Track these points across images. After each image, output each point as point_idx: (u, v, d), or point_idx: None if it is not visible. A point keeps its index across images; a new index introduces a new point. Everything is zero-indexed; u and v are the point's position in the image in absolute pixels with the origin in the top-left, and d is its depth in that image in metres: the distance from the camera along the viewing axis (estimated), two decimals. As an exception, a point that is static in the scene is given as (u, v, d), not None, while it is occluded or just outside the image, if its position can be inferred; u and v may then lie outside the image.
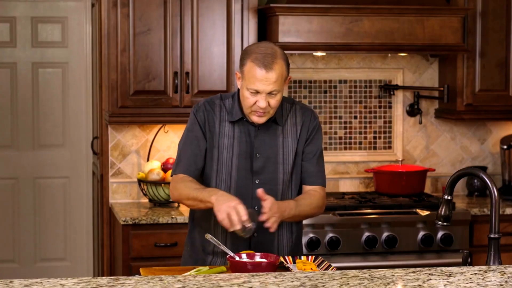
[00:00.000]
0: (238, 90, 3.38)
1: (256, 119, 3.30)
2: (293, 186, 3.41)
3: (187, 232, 3.55)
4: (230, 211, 3.09)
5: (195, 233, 3.48)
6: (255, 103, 3.25)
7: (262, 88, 3.22)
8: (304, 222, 4.57)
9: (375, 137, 5.32)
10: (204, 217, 3.43)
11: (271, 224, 3.17)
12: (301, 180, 3.45)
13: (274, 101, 3.26)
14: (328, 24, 4.73)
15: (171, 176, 3.42)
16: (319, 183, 3.45)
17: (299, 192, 3.45)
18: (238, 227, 3.10)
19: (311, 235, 4.60)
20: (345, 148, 5.29)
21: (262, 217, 3.16)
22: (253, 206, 3.33)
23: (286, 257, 3.24)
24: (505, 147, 5.26)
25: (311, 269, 3.12)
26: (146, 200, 4.99)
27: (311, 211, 3.41)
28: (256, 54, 3.23)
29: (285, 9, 4.68)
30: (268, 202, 3.17)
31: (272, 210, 3.17)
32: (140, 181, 4.90)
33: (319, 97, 5.24)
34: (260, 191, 3.19)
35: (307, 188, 3.45)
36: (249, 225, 3.13)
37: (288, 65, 3.29)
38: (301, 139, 3.41)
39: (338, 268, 2.91)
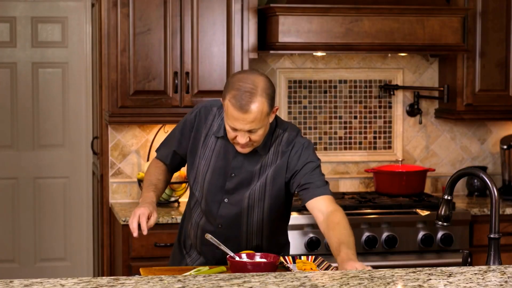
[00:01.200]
0: None
1: (239, 149, 3.22)
2: (260, 213, 3.31)
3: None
4: (133, 217, 3.19)
5: (180, 235, 3.58)
6: (235, 137, 3.17)
7: (240, 127, 3.11)
8: (304, 222, 4.57)
9: (375, 137, 5.32)
10: (186, 220, 3.52)
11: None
12: (306, 197, 3.25)
13: (256, 136, 3.15)
14: (328, 24, 4.73)
15: (155, 151, 3.57)
16: (325, 193, 3.25)
17: (281, 215, 3.37)
18: (134, 234, 3.17)
19: (311, 235, 4.59)
20: (345, 148, 5.30)
21: None
22: (217, 224, 3.33)
23: (286, 257, 3.24)
24: (505, 147, 5.26)
25: (311, 269, 3.12)
26: (146, 200, 4.98)
27: (351, 233, 3.23)
28: (235, 91, 3.08)
29: (285, 9, 4.68)
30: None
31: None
32: (140, 181, 4.90)
33: (319, 97, 5.25)
34: None
35: (314, 201, 3.24)
36: None
37: (272, 100, 3.11)
38: (278, 169, 3.26)
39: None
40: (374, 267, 4.57)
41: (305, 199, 3.23)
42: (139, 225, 3.17)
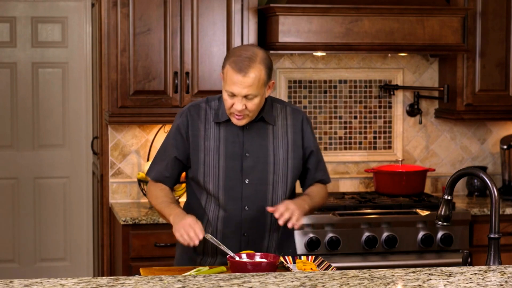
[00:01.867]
0: None
1: (235, 121, 3.30)
2: (284, 188, 3.39)
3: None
4: (186, 229, 3.16)
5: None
6: (232, 105, 3.25)
7: (237, 91, 3.21)
8: (304, 222, 4.57)
9: (375, 137, 5.32)
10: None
11: (294, 222, 3.19)
12: (305, 180, 3.49)
13: (252, 105, 3.24)
14: (328, 24, 4.74)
15: (146, 175, 3.50)
16: (323, 179, 3.50)
17: (292, 194, 3.45)
18: (196, 242, 3.14)
19: (311, 235, 4.60)
20: (345, 148, 5.30)
21: (277, 216, 3.19)
22: (243, 207, 3.34)
23: (286, 257, 3.24)
24: (505, 147, 5.26)
25: (311, 269, 3.12)
26: (146, 200, 4.98)
27: (321, 201, 3.47)
28: (235, 57, 3.23)
29: (285, 9, 4.68)
30: (281, 206, 3.20)
31: (288, 209, 3.19)
32: (140, 181, 4.90)
33: (319, 97, 5.25)
34: (268, 209, 3.23)
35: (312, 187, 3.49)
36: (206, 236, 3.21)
37: (269, 70, 3.25)
38: (294, 142, 3.41)
39: (338, 268, 2.92)
40: (374, 267, 4.59)
41: (306, 183, 3.50)
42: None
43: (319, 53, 4.99)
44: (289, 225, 3.19)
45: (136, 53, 4.73)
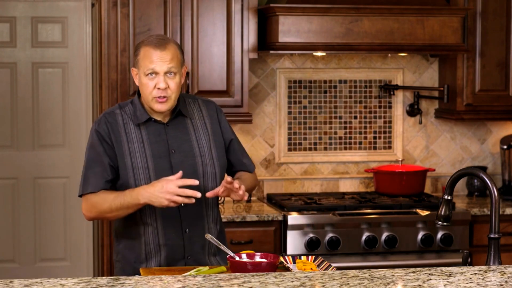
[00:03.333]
0: (137, 93, 3.39)
1: (159, 106, 3.30)
2: (214, 178, 3.40)
3: (114, 249, 3.49)
4: (169, 190, 3.14)
5: (122, 248, 3.44)
6: (155, 86, 3.27)
7: (159, 66, 3.26)
8: (304, 222, 4.58)
9: (375, 137, 5.32)
10: (128, 231, 3.40)
11: (244, 193, 3.25)
12: (233, 168, 3.53)
13: (173, 84, 3.28)
14: (328, 24, 4.74)
15: (79, 196, 3.37)
16: (252, 169, 3.56)
17: (221, 182, 3.44)
18: (198, 195, 3.16)
19: (311, 235, 4.60)
20: (345, 148, 5.30)
21: (236, 186, 3.23)
22: (179, 204, 3.29)
23: (286, 257, 3.24)
24: (505, 147, 5.26)
25: (311, 269, 3.12)
26: (146, 200, 4.98)
27: (252, 186, 3.53)
28: (148, 40, 3.32)
29: (285, 9, 4.68)
30: (235, 182, 3.24)
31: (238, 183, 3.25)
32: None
33: (319, 97, 5.25)
34: (208, 194, 3.25)
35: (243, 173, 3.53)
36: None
37: (182, 52, 3.34)
38: (213, 132, 3.44)
39: (338, 268, 2.91)
40: (374, 267, 4.59)
41: (235, 170, 3.54)
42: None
43: (319, 53, 4.99)
44: (245, 197, 3.25)
45: (136, 53, 4.73)
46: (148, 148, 3.34)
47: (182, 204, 3.30)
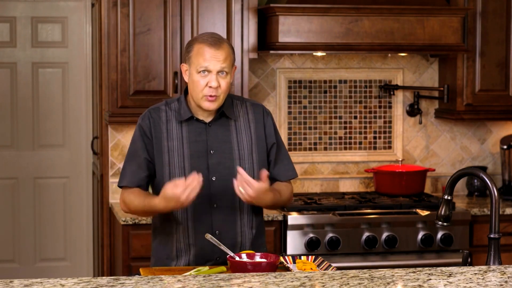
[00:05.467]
0: (185, 91, 3.38)
1: (208, 104, 3.28)
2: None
3: (151, 244, 3.49)
4: (175, 191, 3.10)
5: (156, 243, 3.46)
6: (206, 84, 3.25)
7: (213, 65, 3.24)
8: (304, 222, 4.58)
9: (375, 137, 5.32)
10: (163, 227, 3.40)
11: (246, 197, 3.18)
12: (272, 176, 3.43)
13: (224, 83, 3.26)
14: (328, 24, 4.74)
15: (119, 186, 3.41)
16: (288, 176, 3.46)
17: None
18: (197, 186, 3.09)
19: (311, 235, 4.60)
20: (345, 148, 5.30)
21: (249, 182, 3.16)
22: (212, 204, 3.32)
23: (286, 257, 3.24)
24: (505, 147, 5.26)
25: (311, 269, 3.12)
26: (146, 200, 4.98)
27: (285, 200, 3.43)
28: (202, 38, 3.29)
29: (285, 9, 4.68)
30: (260, 185, 3.16)
31: (256, 192, 3.16)
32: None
33: (319, 97, 5.25)
34: (262, 174, 3.19)
35: (278, 183, 3.45)
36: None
37: (234, 53, 3.32)
38: (257, 135, 3.40)
39: (338, 268, 2.92)
40: (374, 267, 4.59)
41: (274, 178, 3.43)
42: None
43: (319, 53, 4.99)
44: (241, 195, 3.18)
45: (136, 53, 4.73)
46: (187, 147, 3.33)
47: (215, 205, 3.31)
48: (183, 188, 3.12)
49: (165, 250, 3.40)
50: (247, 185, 3.17)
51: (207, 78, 3.25)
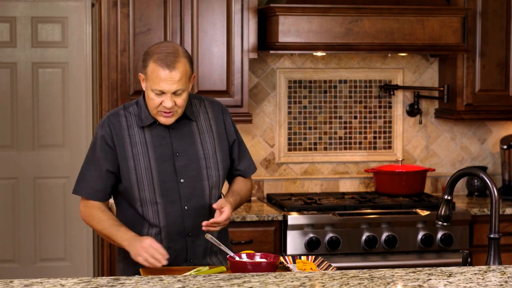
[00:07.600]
0: (143, 94, 3.35)
1: (163, 120, 3.27)
2: (218, 181, 3.39)
3: (118, 248, 3.46)
4: (150, 252, 3.14)
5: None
6: (160, 103, 3.23)
7: (167, 88, 3.20)
8: (304, 222, 4.58)
9: (375, 137, 5.32)
10: (136, 232, 3.35)
11: (221, 226, 3.29)
12: (231, 171, 3.50)
13: (180, 100, 3.24)
14: (328, 24, 4.74)
15: (73, 193, 3.39)
16: (251, 172, 3.53)
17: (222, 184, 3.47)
18: (164, 262, 3.14)
19: (311, 235, 4.60)
20: (345, 148, 5.30)
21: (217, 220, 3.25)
22: (183, 206, 3.32)
23: (286, 257, 3.25)
24: (505, 147, 5.26)
25: (311, 269, 3.12)
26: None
27: (246, 198, 3.52)
28: (157, 54, 3.21)
29: (285, 9, 4.68)
30: (226, 212, 3.24)
31: (225, 221, 3.26)
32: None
33: (319, 97, 5.25)
34: (214, 206, 3.25)
35: (238, 178, 3.52)
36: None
37: (191, 63, 3.26)
38: (218, 134, 3.41)
39: (338, 268, 2.92)
40: (374, 267, 4.59)
41: (235, 174, 3.52)
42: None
43: (319, 53, 4.99)
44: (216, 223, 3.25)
45: (136, 53, 4.73)
46: (152, 151, 3.31)
47: (186, 207, 3.31)
48: (157, 256, 3.14)
49: None
50: (214, 226, 3.24)
51: (162, 97, 3.22)
